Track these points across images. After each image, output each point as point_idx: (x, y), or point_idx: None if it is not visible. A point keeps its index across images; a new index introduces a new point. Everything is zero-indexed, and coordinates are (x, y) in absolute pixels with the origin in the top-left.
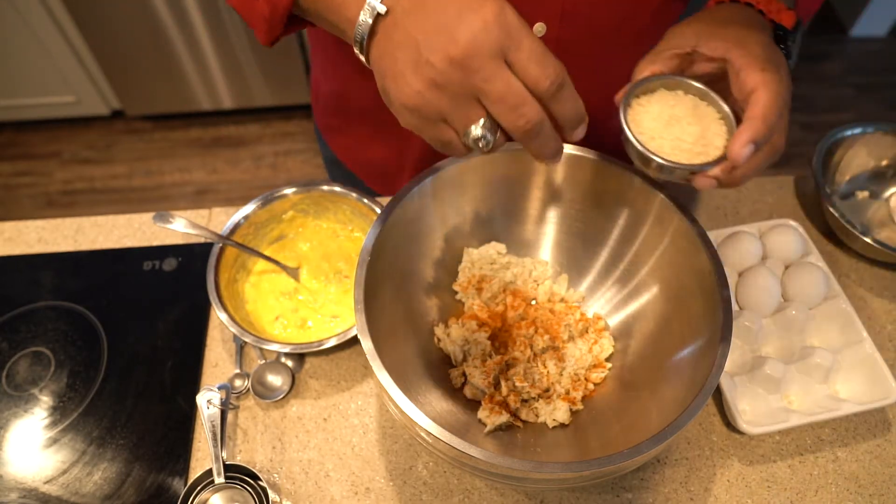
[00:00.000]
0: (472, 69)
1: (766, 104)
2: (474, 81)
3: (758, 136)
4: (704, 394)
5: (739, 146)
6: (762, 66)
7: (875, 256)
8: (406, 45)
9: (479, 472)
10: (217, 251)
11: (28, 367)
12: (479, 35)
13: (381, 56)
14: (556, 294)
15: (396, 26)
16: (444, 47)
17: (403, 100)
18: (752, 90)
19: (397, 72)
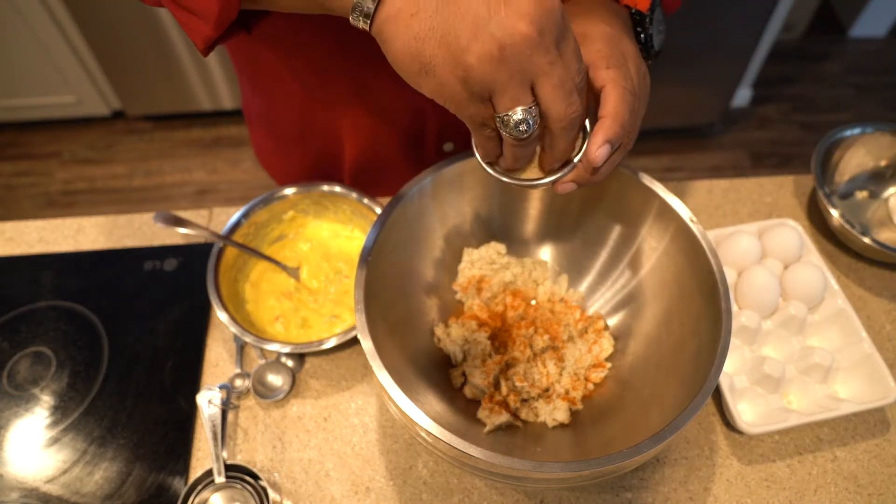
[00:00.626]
0: (540, 47)
1: (616, 102)
2: (539, 61)
3: (612, 136)
4: (704, 394)
5: (595, 148)
6: (606, 63)
7: (874, 256)
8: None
9: (478, 471)
10: (217, 251)
11: (29, 366)
12: (549, 14)
13: (413, 13)
14: (556, 294)
15: None
16: (512, 17)
17: (454, 70)
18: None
19: (446, 35)
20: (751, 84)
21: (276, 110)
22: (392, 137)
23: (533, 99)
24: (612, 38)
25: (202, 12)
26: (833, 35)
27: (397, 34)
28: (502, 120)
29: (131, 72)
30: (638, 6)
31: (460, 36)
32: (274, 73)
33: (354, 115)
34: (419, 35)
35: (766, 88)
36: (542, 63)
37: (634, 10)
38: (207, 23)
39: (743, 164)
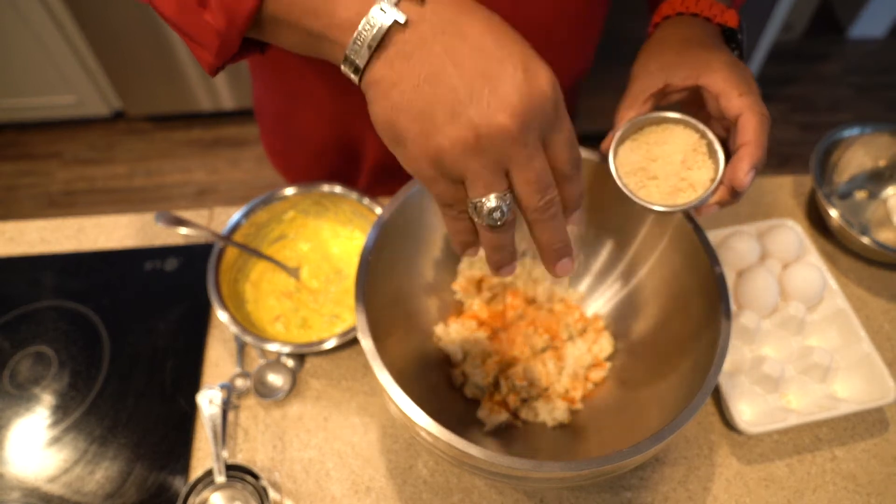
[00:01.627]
0: (519, 144)
1: (756, 128)
2: (517, 154)
3: (757, 161)
4: (703, 393)
5: (743, 174)
6: (739, 91)
7: (873, 256)
8: (438, 81)
9: (478, 471)
10: (218, 251)
11: (30, 366)
12: (536, 107)
13: (394, 83)
14: (555, 294)
15: (422, 49)
16: (493, 109)
17: (425, 148)
18: (736, 115)
19: (423, 112)
20: None
21: (294, 110)
22: None
23: (507, 185)
24: (735, 64)
25: (204, 43)
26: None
27: (377, 99)
28: (475, 206)
29: (131, 72)
30: (728, 23)
31: (436, 116)
32: (295, 74)
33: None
34: (396, 106)
35: (766, 88)
36: (520, 156)
37: (725, 28)
38: (208, 52)
39: None
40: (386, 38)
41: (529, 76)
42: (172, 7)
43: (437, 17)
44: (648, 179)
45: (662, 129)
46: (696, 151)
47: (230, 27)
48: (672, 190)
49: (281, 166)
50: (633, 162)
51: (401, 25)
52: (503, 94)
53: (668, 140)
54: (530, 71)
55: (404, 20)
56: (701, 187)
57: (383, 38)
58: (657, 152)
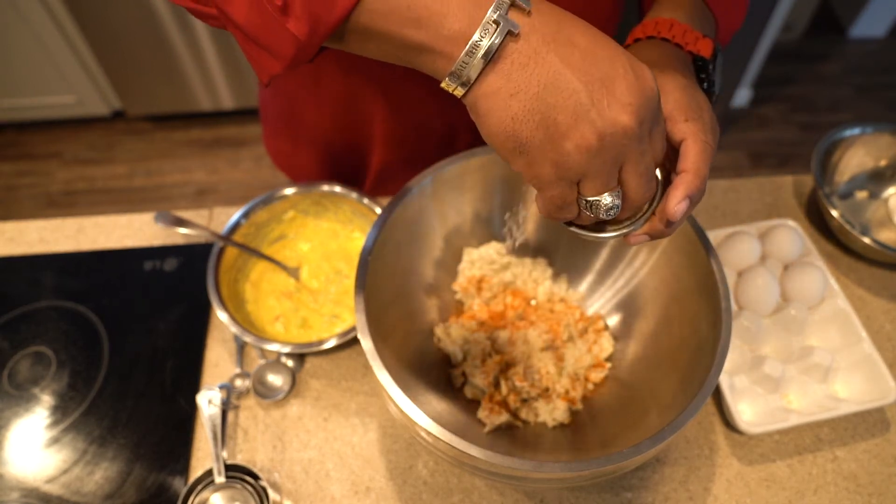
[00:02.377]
0: (636, 138)
1: (696, 156)
2: (633, 150)
3: (693, 192)
4: (704, 393)
5: (674, 203)
6: (685, 116)
7: (874, 256)
8: (557, 88)
9: (478, 471)
10: (218, 251)
11: (29, 366)
12: (648, 103)
13: (512, 94)
14: (556, 294)
15: (536, 58)
16: (614, 109)
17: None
18: (679, 140)
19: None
20: (750, 84)
21: (301, 112)
22: (422, 146)
23: (618, 183)
24: (688, 89)
25: (275, 52)
26: (832, 35)
27: (493, 111)
28: (589, 203)
29: (131, 72)
30: (701, 52)
31: (560, 122)
32: (304, 77)
33: (387, 122)
34: (517, 116)
35: (766, 88)
36: (636, 152)
37: (698, 56)
38: (279, 61)
39: (742, 165)
40: (500, 49)
41: (638, 74)
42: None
43: (545, 27)
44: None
45: None
46: None
47: (312, 36)
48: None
49: (286, 168)
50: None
51: (514, 36)
52: (620, 95)
53: None
54: (636, 69)
55: (518, 31)
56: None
57: (498, 49)
58: None
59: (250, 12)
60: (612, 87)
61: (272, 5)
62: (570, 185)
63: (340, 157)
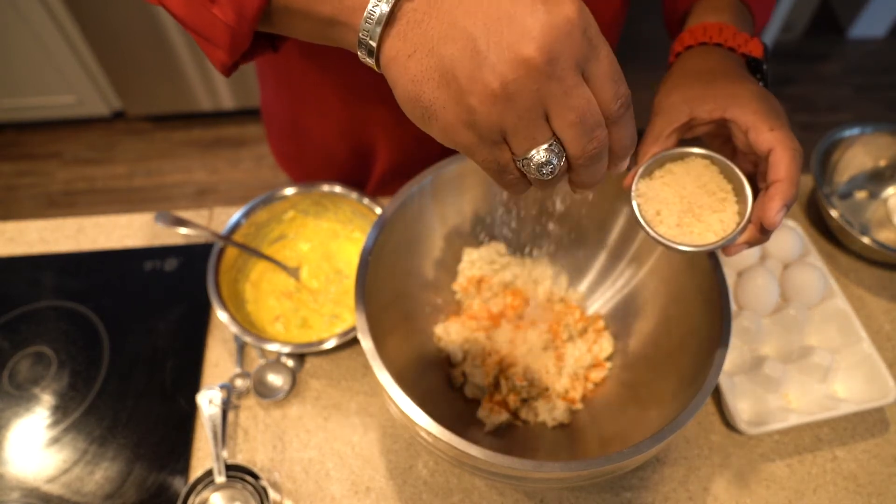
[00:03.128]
0: (552, 77)
1: (789, 165)
2: (552, 92)
3: (789, 200)
4: (703, 393)
5: (773, 213)
6: (770, 125)
7: (873, 256)
8: (452, 38)
9: (478, 471)
10: (218, 251)
11: (30, 366)
12: (562, 35)
13: (410, 54)
14: (556, 294)
15: (431, 13)
16: (515, 46)
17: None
18: (767, 151)
19: (444, 76)
20: None
21: (305, 116)
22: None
23: (551, 133)
24: (764, 96)
25: (214, 40)
26: (832, 35)
27: (398, 77)
28: (522, 163)
29: (131, 72)
30: (752, 53)
31: (459, 76)
32: (305, 80)
33: (390, 129)
34: (416, 78)
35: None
36: (554, 93)
37: (750, 58)
38: (221, 49)
39: None
40: (395, 9)
41: (549, 5)
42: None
43: None
44: (672, 217)
45: (687, 165)
46: (723, 188)
47: (241, 20)
48: (698, 228)
49: (291, 170)
50: (657, 199)
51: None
52: (522, 30)
53: (693, 176)
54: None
55: None
56: (728, 226)
57: (392, 11)
58: (682, 189)
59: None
60: (513, 24)
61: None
62: (495, 144)
63: (346, 160)
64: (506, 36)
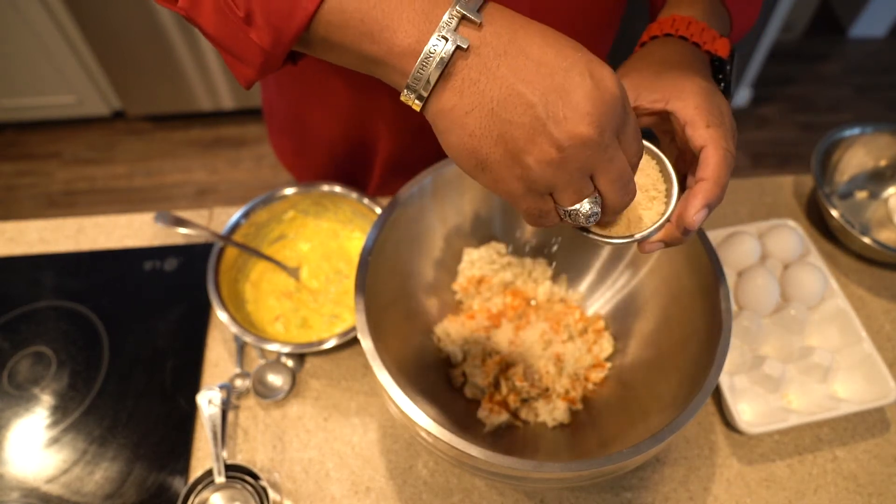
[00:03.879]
0: (599, 147)
1: (717, 164)
2: (599, 161)
3: (712, 200)
4: (704, 393)
5: (693, 211)
6: (706, 121)
7: (874, 256)
8: (513, 103)
9: (478, 471)
10: (218, 251)
11: (29, 366)
12: (608, 109)
13: (467, 111)
14: (556, 294)
15: (488, 73)
16: (571, 120)
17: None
18: (699, 147)
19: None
20: (750, 84)
21: (310, 110)
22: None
23: (593, 187)
24: (709, 93)
25: (245, 59)
26: (832, 35)
27: (451, 129)
28: (567, 212)
29: (131, 72)
30: (718, 52)
31: (518, 137)
32: (312, 76)
33: (392, 117)
34: (474, 133)
35: (766, 88)
36: (602, 160)
37: (715, 57)
38: (251, 68)
39: (742, 165)
40: (450, 64)
41: (597, 81)
42: (214, 24)
43: (496, 40)
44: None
45: None
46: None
47: (276, 46)
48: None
49: (292, 166)
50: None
51: (463, 51)
52: (577, 105)
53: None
54: (596, 75)
55: (467, 45)
56: (650, 221)
57: (447, 65)
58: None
59: (218, 23)
60: (569, 97)
61: (236, 17)
62: (541, 196)
63: (346, 157)
64: (562, 109)
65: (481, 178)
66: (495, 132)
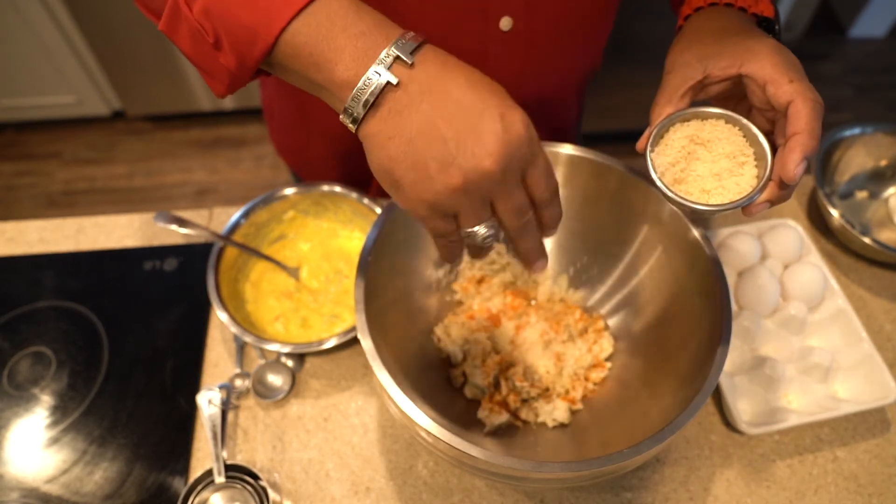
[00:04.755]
0: (501, 183)
1: (809, 116)
2: (500, 191)
3: (809, 152)
4: (704, 393)
5: (793, 165)
6: (789, 77)
7: (874, 256)
8: (429, 135)
9: (478, 471)
10: (217, 251)
11: (29, 366)
12: (513, 150)
13: (389, 137)
14: (556, 294)
15: (411, 107)
16: (478, 157)
17: (420, 194)
18: (786, 103)
19: (417, 163)
20: None
21: (311, 107)
22: None
23: (491, 213)
24: (782, 50)
25: (216, 78)
26: (833, 35)
27: (374, 149)
28: (468, 234)
29: (131, 72)
30: (764, 13)
31: (430, 166)
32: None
33: None
34: (392, 157)
35: None
36: (502, 192)
37: (762, 18)
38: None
39: None
40: (380, 97)
41: (506, 124)
42: (189, 46)
43: (424, 77)
44: (688, 177)
45: (702, 125)
46: (740, 147)
47: (241, 69)
48: (715, 188)
49: (295, 163)
50: (672, 160)
51: (393, 86)
52: (485, 143)
53: (709, 136)
54: (507, 119)
55: (396, 82)
56: (748, 185)
57: (378, 97)
58: (697, 149)
59: (192, 45)
60: (479, 137)
61: (206, 42)
62: (445, 218)
63: (350, 151)
64: (471, 146)
65: (395, 195)
66: (411, 158)
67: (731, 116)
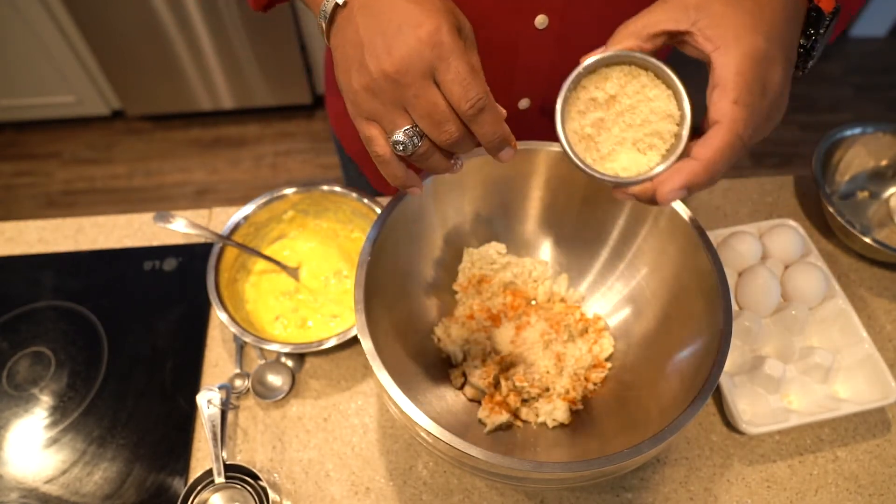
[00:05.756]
0: (401, 84)
1: (718, 149)
2: (403, 95)
3: (693, 184)
4: (704, 394)
5: (669, 189)
6: (735, 96)
7: (875, 256)
8: (354, 42)
9: (479, 471)
10: (217, 251)
11: (28, 366)
12: (412, 53)
13: (336, 46)
14: (556, 294)
15: (350, 21)
16: (379, 58)
17: (347, 95)
18: (713, 121)
19: (346, 66)
20: None
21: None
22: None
23: (411, 121)
24: (761, 61)
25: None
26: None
27: (333, 60)
28: (394, 143)
29: (131, 72)
30: (821, 3)
31: (350, 69)
32: None
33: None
34: (337, 63)
35: None
36: (407, 95)
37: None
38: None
39: (743, 164)
40: (333, 13)
41: (415, 29)
42: None
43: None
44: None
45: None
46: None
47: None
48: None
49: (342, 131)
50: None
51: (340, 6)
52: (389, 45)
53: (642, 98)
54: (420, 26)
55: (343, 2)
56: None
57: (332, 15)
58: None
59: None
60: (388, 41)
61: None
62: (368, 121)
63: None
64: (378, 49)
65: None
66: (343, 64)
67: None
